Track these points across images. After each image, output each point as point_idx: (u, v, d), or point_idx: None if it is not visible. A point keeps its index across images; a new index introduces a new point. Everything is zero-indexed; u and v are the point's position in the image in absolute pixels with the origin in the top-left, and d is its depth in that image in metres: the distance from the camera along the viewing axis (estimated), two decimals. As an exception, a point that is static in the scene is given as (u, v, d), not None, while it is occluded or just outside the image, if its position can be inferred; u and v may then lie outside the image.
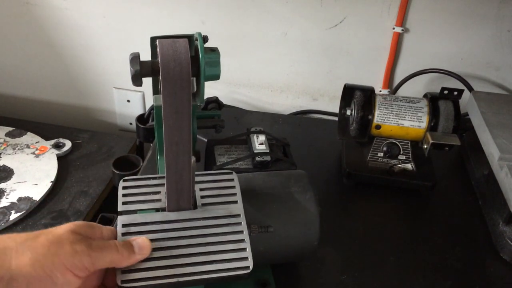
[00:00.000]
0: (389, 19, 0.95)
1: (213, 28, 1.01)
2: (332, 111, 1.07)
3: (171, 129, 0.46)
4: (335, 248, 0.70)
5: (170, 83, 0.44)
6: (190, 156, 0.48)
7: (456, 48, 0.96)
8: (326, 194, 0.80)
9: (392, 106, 0.78)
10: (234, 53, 1.04)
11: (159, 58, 0.44)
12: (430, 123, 0.77)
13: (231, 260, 0.47)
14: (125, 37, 1.06)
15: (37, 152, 0.96)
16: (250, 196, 0.55)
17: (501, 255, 0.71)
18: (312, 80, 1.06)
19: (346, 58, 1.01)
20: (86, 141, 1.03)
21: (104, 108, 1.20)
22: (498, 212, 0.73)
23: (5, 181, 0.88)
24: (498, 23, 0.92)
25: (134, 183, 0.52)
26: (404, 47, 0.98)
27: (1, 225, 0.79)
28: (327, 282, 0.65)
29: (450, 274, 0.68)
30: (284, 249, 0.57)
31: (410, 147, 0.80)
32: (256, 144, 0.71)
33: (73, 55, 1.11)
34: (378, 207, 0.80)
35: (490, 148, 0.74)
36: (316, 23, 0.98)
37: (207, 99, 0.95)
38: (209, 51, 0.49)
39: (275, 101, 1.10)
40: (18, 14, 1.07)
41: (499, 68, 0.98)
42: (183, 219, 0.49)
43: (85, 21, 1.05)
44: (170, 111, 0.45)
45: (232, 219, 0.51)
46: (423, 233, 0.75)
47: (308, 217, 0.57)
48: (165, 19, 1.02)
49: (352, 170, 0.81)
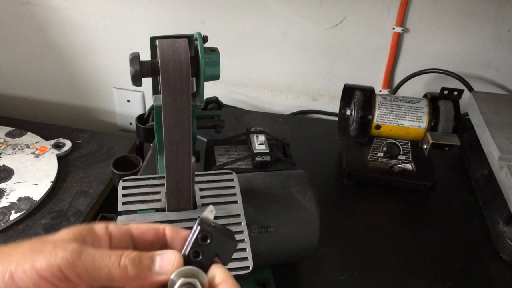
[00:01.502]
0: (389, 19, 0.95)
1: (213, 28, 1.01)
2: (332, 111, 1.07)
3: (171, 129, 0.46)
4: (335, 248, 0.70)
5: (170, 83, 0.44)
6: (190, 156, 0.48)
7: (456, 48, 0.96)
8: (326, 194, 0.80)
9: (392, 106, 0.78)
10: (234, 53, 1.04)
11: (158, 58, 0.44)
12: (430, 123, 0.77)
13: (231, 260, 0.47)
14: (125, 37, 1.06)
15: (37, 152, 0.96)
16: (250, 196, 0.55)
17: (501, 255, 0.71)
18: (312, 80, 1.06)
19: (346, 58, 1.01)
20: (86, 141, 1.03)
21: (104, 108, 1.20)
22: (498, 212, 0.73)
23: (5, 181, 0.88)
24: (498, 23, 0.92)
25: (134, 183, 0.52)
26: (404, 47, 0.98)
27: (1, 225, 0.79)
28: (327, 282, 0.65)
29: (450, 274, 0.68)
30: (284, 249, 0.57)
31: (410, 147, 0.80)
32: (256, 144, 0.71)
33: (73, 55, 1.11)
34: (378, 207, 0.80)
35: (490, 148, 0.74)
36: (316, 23, 0.98)
37: (207, 99, 0.95)
38: (209, 51, 0.49)
39: (275, 101, 1.10)
40: (18, 14, 1.07)
41: (499, 68, 0.98)
42: (183, 219, 0.49)
43: (85, 21, 1.05)
44: (170, 111, 0.45)
45: (232, 219, 0.51)
46: (423, 233, 0.75)
47: (308, 217, 0.57)
48: (165, 19, 1.02)
49: (352, 170, 0.81)
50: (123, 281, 0.32)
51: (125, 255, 0.32)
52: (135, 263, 0.32)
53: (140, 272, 0.32)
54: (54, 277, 0.30)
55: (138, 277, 0.31)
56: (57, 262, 0.30)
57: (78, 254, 0.31)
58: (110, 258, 0.31)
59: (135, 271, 0.31)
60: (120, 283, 0.32)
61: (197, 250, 0.31)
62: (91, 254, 0.31)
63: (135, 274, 0.31)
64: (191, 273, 0.31)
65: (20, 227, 0.81)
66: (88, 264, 0.31)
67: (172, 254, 0.32)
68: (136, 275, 0.31)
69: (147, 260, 0.32)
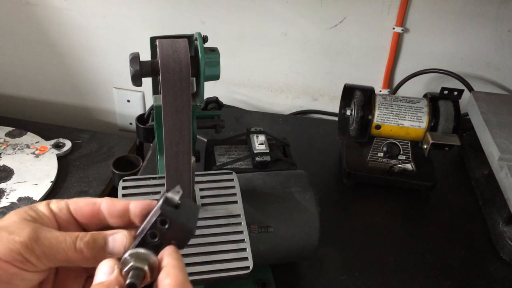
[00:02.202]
0: (389, 19, 0.95)
1: (213, 28, 1.01)
2: (332, 111, 1.07)
3: (171, 129, 0.46)
4: (335, 248, 0.70)
5: (170, 83, 0.44)
6: (190, 156, 0.48)
7: (456, 48, 0.96)
8: (326, 194, 0.80)
9: (392, 106, 0.78)
10: (234, 53, 1.04)
11: (158, 58, 0.44)
12: (430, 123, 0.77)
13: (231, 260, 0.48)
14: (125, 37, 1.06)
15: (37, 152, 0.96)
16: (250, 196, 0.55)
17: (501, 255, 0.71)
18: (312, 80, 1.06)
19: (346, 58, 1.01)
20: (86, 141, 1.03)
21: (104, 108, 1.20)
22: (498, 212, 0.73)
23: (5, 181, 0.88)
24: (498, 23, 0.92)
25: (134, 183, 0.52)
26: (404, 47, 0.98)
27: (1, 225, 0.79)
28: (327, 282, 0.65)
29: (450, 274, 0.68)
30: (284, 249, 0.57)
31: (410, 147, 0.80)
32: (256, 144, 0.71)
33: (73, 55, 1.11)
34: (378, 207, 0.80)
35: (490, 148, 0.74)
36: (316, 23, 0.98)
37: (207, 99, 0.95)
38: (208, 51, 0.49)
39: (275, 101, 1.10)
40: (18, 14, 1.07)
41: (499, 68, 0.98)
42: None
43: (85, 21, 1.05)
44: (170, 111, 0.45)
45: (232, 219, 0.51)
46: (423, 233, 0.75)
47: (308, 217, 0.57)
48: (165, 19, 1.02)
49: (352, 170, 0.81)
50: (79, 262, 0.34)
51: (79, 239, 0.33)
52: (89, 245, 0.33)
53: (95, 253, 0.33)
54: (16, 261, 0.32)
55: (93, 258, 0.33)
56: (17, 247, 0.32)
57: (35, 239, 0.32)
58: (66, 242, 0.33)
59: (90, 253, 0.33)
60: (76, 263, 0.34)
61: (154, 232, 0.32)
62: (47, 238, 0.33)
63: (90, 255, 0.33)
64: (142, 257, 0.32)
65: (20, 227, 0.81)
66: (45, 249, 0.32)
67: (123, 235, 0.34)
68: (92, 256, 0.33)
69: (100, 241, 0.34)
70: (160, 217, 0.32)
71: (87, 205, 0.36)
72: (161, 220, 0.32)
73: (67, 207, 0.36)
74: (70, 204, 0.36)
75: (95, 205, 0.36)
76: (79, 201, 0.36)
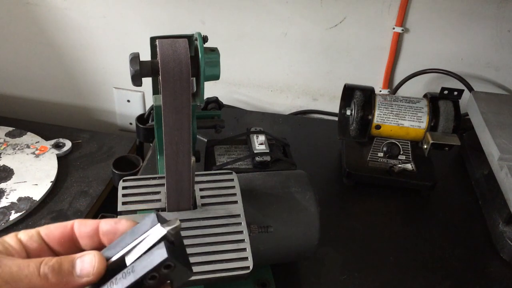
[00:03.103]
0: (389, 19, 0.95)
1: (213, 28, 1.01)
2: (332, 111, 1.07)
3: (171, 129, 0.46)
4: (335, 248, 0.70)
5: (170, 83, 0.44)
6: (190, 156, 0.48)
7: (456, 48, 0.96)
8: (326, 194, 0.80)
9: (392, 106, 0.78)
10: (234, 53, 1.04)
11: (158, 58, 0.44)
12: (430, 123, 0.77)
13: (231, 260, 0.47)
14: (125, 37, 1.06)
15: (37, 152, 0.96)
16: (250, 196, 0.55)
17: (501, 255, 0.71)
18: (312, 80, 1.06)
19: (346, 58, 1.01)
20: (86, 141, 1.03)
21: (104, 108, 1.20)
22: (498, 212, 0.73)
23: (5, 181, 0.88)
24: (498, 23, 0.92)
25: (134, 183, 0.52)
26: (404, 47, 0.98)
27: (1, 225, 0.79)
28: (327, 282, 0.65)
29: (450, 274, 0.68)
30: (284, 249, 0.57)
31: (410, 147, 0.80)
32: (256, 144, 0.71)
33: (73, 55, 1.11)
34: (378, 207, 0.80)
35: (490, 148, 0.74)
36: (316, 23, 0.98)
37: (207, 99, 0.95)
38: (208, 51, 0.49)
39: (275, 101, 1.10)
40: (18, 14, 1.07)
41: (499, 68, 0.98)
42: (183, 219, 0.49)
43: (85, 21, 1.05)
44: (170, 111, 0.45)
45: (232, 219, 0.51)
46: (423, 233, 0.75)
47: (308, 217, 0.57)
48: (165, 19, 1.02)
49: (352, 170, 0.81)
50: None
51: (44, 263, 0.31)
52: (54, 270, 0.31)
53: (61, 278, 0.31)
54: None
55: (60, 283, 0.31)
56: None
57: None
58: (29, 268, 0.31)
59: (56, 278, 0.31)
60: None
61: (154, 275, 0.30)
62: (8, 265, 0.31)
63: (56, 281, 0.31)
64: None
65: (20, 227, 0.81)
66: (7, 277, 0.30)
67: (93, 256, 0.32)
68: (58, 282, 0.31)
69: (67, 265, 0.32)
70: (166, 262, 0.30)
71: (58, 228, 0.35)
72: (166, 266, 0.30)
73: (38, 234, 0.34)
74: (41, 230, 0.35)
75: (66, 228, 0.35)
76: (50, 226, 0.35)
